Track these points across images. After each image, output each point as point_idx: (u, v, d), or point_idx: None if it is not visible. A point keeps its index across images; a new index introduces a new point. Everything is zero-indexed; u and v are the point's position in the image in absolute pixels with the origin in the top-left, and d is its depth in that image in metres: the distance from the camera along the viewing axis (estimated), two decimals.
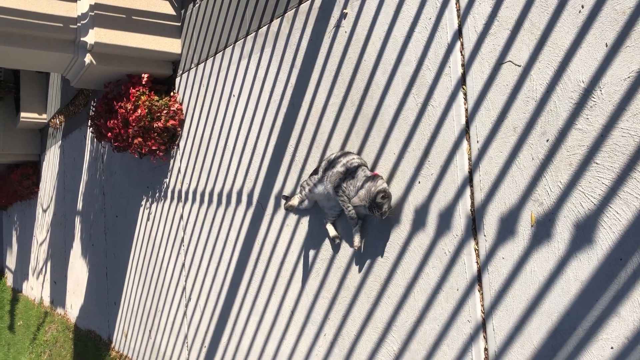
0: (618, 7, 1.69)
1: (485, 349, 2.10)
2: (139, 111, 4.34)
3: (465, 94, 2.19)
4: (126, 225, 5.62)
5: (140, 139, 4.42)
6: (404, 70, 2.46)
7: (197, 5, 4.29)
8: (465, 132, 2.19)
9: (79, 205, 7.22)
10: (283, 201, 3.20)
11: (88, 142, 6.75)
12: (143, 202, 5.19)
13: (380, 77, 2.59)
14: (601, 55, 1.74)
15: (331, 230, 2.81)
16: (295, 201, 2.89)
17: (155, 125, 4.39)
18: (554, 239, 1.87)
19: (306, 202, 2.91)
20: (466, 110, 2.18)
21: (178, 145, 4.54)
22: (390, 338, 2.53)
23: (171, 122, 4.43)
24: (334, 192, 2.65)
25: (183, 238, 4.42)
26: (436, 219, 2.31)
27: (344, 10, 2.79)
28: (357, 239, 2.63)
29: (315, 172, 2.84)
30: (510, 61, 2.02)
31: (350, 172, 2.59)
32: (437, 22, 2.29)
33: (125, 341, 5.70)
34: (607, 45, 1.73)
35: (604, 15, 1.73)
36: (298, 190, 3.02)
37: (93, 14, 4.19)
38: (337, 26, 2.84)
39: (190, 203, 4.30)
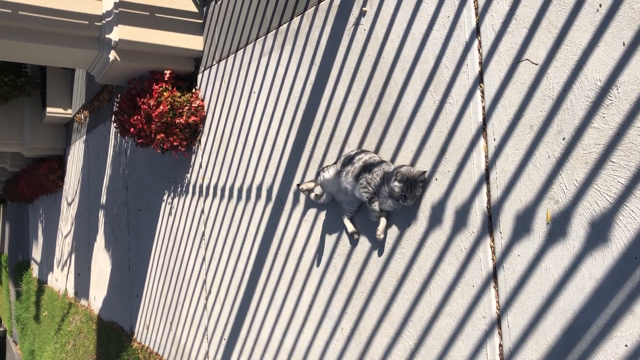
0: (636, 6, 1.69)
1: (500, 345, 2.12)
2: (162, 107, 4.42)
3: (482, 92, 2.20)
4: (148, 219, 5.72)
5: (162, 135, 4.50)
6: (422, 68, 2.48)
7: (219, 2, 4.35)
8: (482, 129, 2.20)
9: (103, 199, 7.36)
10: (296, 186, 3.26)
11: (112, 137, 6.88)
12: (165, 197, 5.28)
13: (398, 74, 2.61)
14: (618, 54, 1.75)
15: (349, 225, 2.84)
16: (310, 185, 2.94)
17: (177, 121, 4.46)
18: (569, 236, 1.88)
19: (324, 197, 2.95)
20: (483, 108, 2.20)
21: (199, 141, 4.62)
22: (407, 333, 2.55)
23: (193, 118, 4.51)
24: (356, 182, 2.66)
25: (204, 232, 4.50)
26: (453, 215, 2.33)
27: (363, 9, 2.82)
28: (381, 228, 2.64)
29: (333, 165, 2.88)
30: (527, 59, 2.03)
31: (368, 168, 2.62)
32: (455, 20, 2.31)
33: (147, 333, 5.82)
34: (624, 44, 1.73)
35: (621, 14, 1.73)
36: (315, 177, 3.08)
37: (117, 11, 4.27)
38: (356, 24, 2.87)
39: (211, 198, 4.37)
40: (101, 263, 7.47)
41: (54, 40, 4.31)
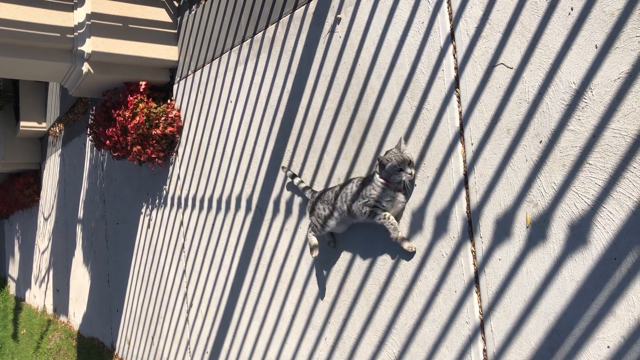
0: (607, 9, 1.71)
1: (484, 350, 2.11)
2: (137, 119, 4.36)
3: (458, 97, 2.20)
4: (127, 233, 5.63)
5: (138, 147, 4.44)
6: (398, 74, 2.47)
7: (193, 12, 4.31)
8: (460, 134, 2.20)
9: (80, 213, 7.23)
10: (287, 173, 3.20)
11: (88, 150, 6.77)
12: (143, 209, 5.20)
13: (374, 81, 2.61)
14: (591, 57, 1.76)
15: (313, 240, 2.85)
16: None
17: (153, 132, 4.40)
18: (549, 239, 1.88)
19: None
20: (460, 113, 2.20)
21: (177, 152, 4.56)
22: (391, 341, 2.53)
23: (169, 129, 4.45)
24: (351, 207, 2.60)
25: (183, 244, 4.44)
26: (433, 221, 2.32)
27: (338, 16, 2.81)
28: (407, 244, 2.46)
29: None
30: (502, 64, 2.04)
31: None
32: (429, 26, 2.31)
33: (129, 348, 5.71)
34: (596, 47, 1.74)
35: (593, 17, 1.75)
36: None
37: (90, 23, 4.21)
38: (332, 31, 2.86)
39: (190, 209, 4.31)
40: (80, 278, 7.33)
41: (25, 53, 4.22)
